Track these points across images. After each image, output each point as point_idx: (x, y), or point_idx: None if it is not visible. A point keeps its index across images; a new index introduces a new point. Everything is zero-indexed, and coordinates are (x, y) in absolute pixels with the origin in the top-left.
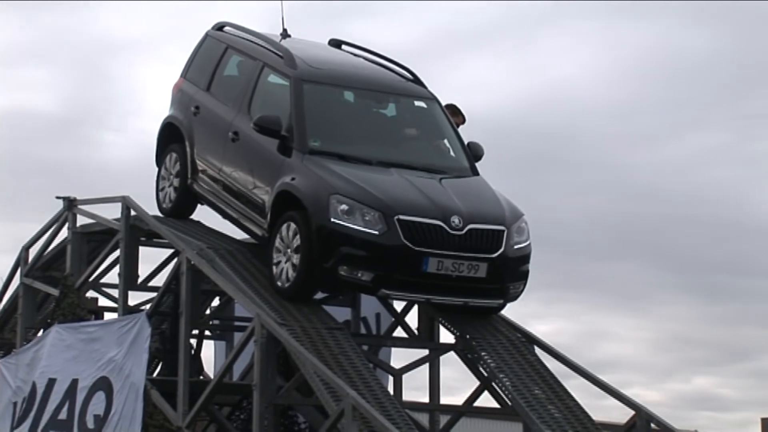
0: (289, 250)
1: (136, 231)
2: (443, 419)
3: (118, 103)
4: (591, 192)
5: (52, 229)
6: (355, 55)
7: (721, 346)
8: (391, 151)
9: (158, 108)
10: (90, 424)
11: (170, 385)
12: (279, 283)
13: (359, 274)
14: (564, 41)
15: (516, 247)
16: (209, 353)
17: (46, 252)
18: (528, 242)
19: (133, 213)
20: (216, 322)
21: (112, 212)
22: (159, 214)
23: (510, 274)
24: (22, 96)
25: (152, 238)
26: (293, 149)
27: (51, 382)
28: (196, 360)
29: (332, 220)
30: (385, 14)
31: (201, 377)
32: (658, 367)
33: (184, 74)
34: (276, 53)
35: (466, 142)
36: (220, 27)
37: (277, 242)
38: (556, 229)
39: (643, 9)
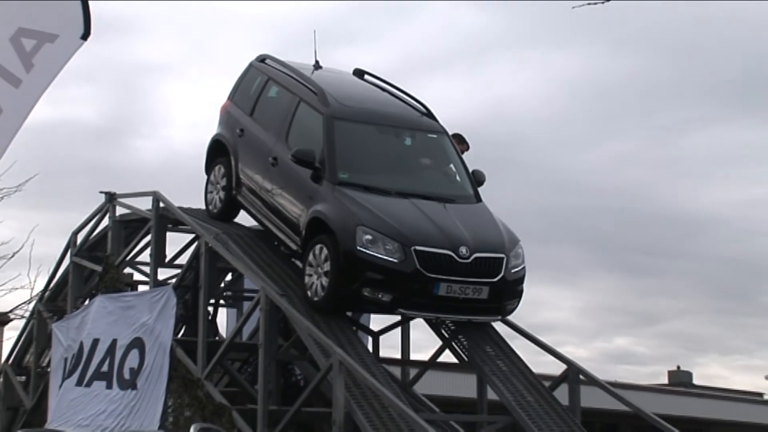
0: (319, 269)
1: (164, 219)
2: (412, 372)
3: (149, 115)
4: (533, 188)
5: (96, 217)
6: (376, 86)
7: (636, 312)
8: (408, 182)
9: (181, 119)
10: (126, 376)
11: (191, 344)
12: (310, 295)
13: (380, 296)
14: (507, 66)
15: (513, 271)
16: (223, 319)
17: (91, 236)
18: (523, 266)
19: (161, 204)
20: (228, 293)
21: (144, 204)
22: (183, 205)
23: (507, 294)
24: (70, 109)
25: (177, 225)
26: (324, 179)
27: (95, 342)
28: (212, 324)
29: (358, 248)
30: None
31: (216, 338)
32: (586, 330)
33: (231, 97)
34: (311, 90)
35: (470, 170)
36: (262, 59)
37: (310, 259)
38: (507, 218)
39: (573, 41)
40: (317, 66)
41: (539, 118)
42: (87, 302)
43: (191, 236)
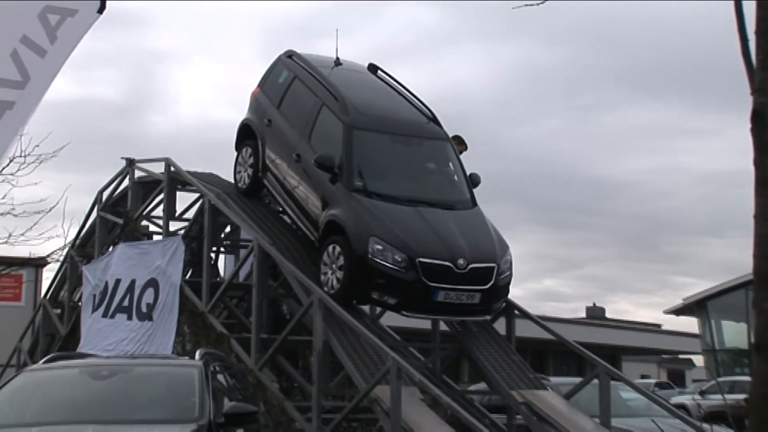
0: (333, 266)
1: (174, 181)
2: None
3: (161, 94)
4: (481, 158)
5: (118, 179)
6: (389, 84)
7: (561, 259)
8: (415, 190)
9: (188, 98)
10: (144, 309)
11: (197, 284)
12: (325, 288)
13: (386, 298)
14: (459, 56)
15: (502, 277)
16: (223, 263)
17: (114, 195)
18: (510, 272)
19: (172, 168)
20: (227, 242)
21: (158, 168)
22: (190, 169)
23: (496, 298)
24: (96, 89)
25: (185, 186)
26: (341, 183)
27: (117, 282)
28: (214, 268)
29: (369, 256)
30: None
31: (217, 279)
32: (521, 274)
33: (261, 85)
34: (333, 96)
35: (468, 173)
36: (289, 55)
37: (325, 257)
38: None
39: (512, 35)
40: (338, 62)
41: (485, 99)
42: (111, 249)
43: (197, 195)
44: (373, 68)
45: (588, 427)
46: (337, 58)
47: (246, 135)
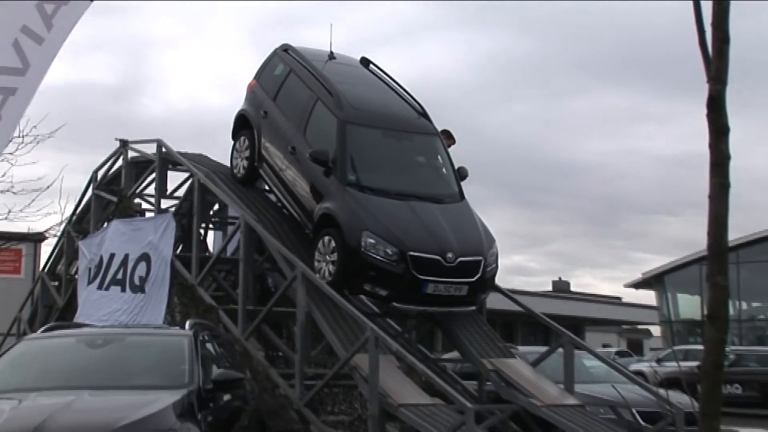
0: (327, 257)
1: (165, 161)
2: None
3: (153, 79)
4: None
5: (112, 159)
6: (380, 78)
7: (530, 236)
8: (406, 184)
9: (178, 83)
10: (137, 282)
11: (187, 259)
12: (319, 276)
13: (377, 290)
14: (436, 44)
15: (488, 269)
16: (211, 239)
17: (109, 174)
18: (496, 264)
19: (163, 149)
20: (216, 219)
21: (150, 149)
22: (180, 150)
23: (482, 289)
24: (90, 73)
25: (176, 166)
26: (335, 177)
27: (112, 256)
28: (203, 243)
29: (362, 250)
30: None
31: (206, 254)
32: None
33: (257, 77)
34: (328, 91)
35: (456, 167)
36: (285, 49)
37: (319, 248)
38: None
39: (486, 25)
40: (331, 56)
41: (460, 85)
42: (105, 225)
43: (187, 174)
44: (365, 62)
45: (553, 393)
46: (331, 52)
47: (242, 125)
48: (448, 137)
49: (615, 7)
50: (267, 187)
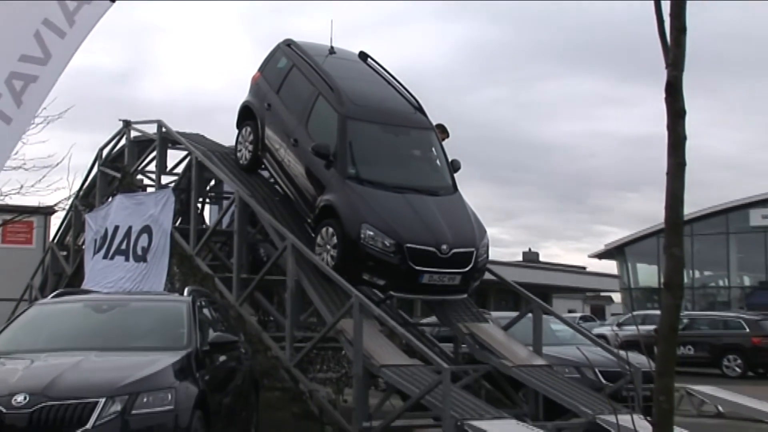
0: (327, 246)
1: (165, 140)
2: None
3: (153, 64)
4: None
5: (116, 138)
6: (378, 73)
7: (503, 210)
8: (403, 177)
9: (176, 68)
10: (139, 252)
11: (185, 231)
12: (323, 259)
13: (376, 280)
14: (416, 33)
15: (480, 260)
16: (208, 212)
17: (113, 152)
18: (487, 254)
19: (164, 129)
20: (212, 194)
21: (151, 129)
22: (179, 130)
23: (474, 278)
24: (96, 58)
25: (175, 144)
26: (336, 170)
27: (116, 228)
28: (200, 216)
29: (361, 241)
30: (311, 13)
31: (203, 226)
32: None
33: (261, 70)
34: (329, 86)
35: (450, 159)
36: (288, 44)
37: (319, 239)
38: None
39: (461, 15)
40: (332, 51)
41: (438, 70)
42: (110, 199)
43: (185, 152)
44: (363, 56)
45: (523, 354)
46: (332, 47)
47: (246, 116)
48: (442, 131)
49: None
50: (269, 175)
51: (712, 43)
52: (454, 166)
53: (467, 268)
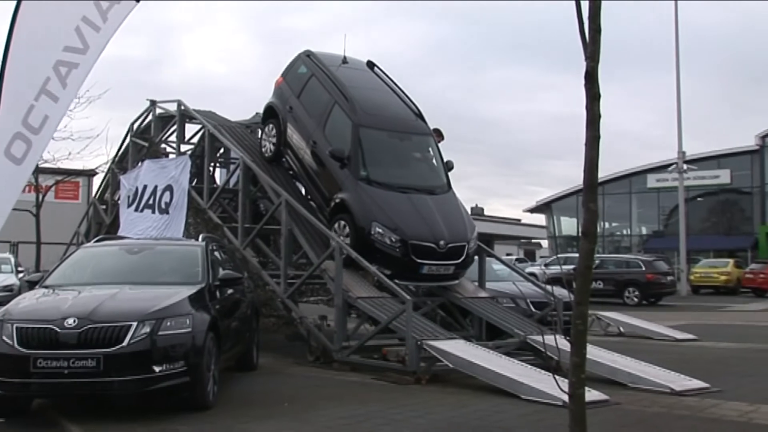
0: (341, 237)
1: (184, 116)
2: None
3: (174, 54)
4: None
5: (145, 114)
6: (384, 81)
7: (456, 174)
8: (406, 178)
9: (195, 58)
10: (163, 206)
11: (200, 189)
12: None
13: (382, 269)
14: (385, 30)
15: (470, 252)
16: (218, 175)
17: (142, 125)
18: (475, 245)
19: (183, 107)
20: (221, 160)
21: (173, 106)
22: (196, 107)
23: (465, 267)
24: (127, 51)
25: (192, 119)
26: (349, 171)
27: (145, 187)
28: (212, 178)
29: (371, 237)
30: (303, 13)
31: (214, 185)
32: None
33: (284, 75)
34: (344, 96)
35: (445, 160)
36: (307, 54)
37: (335, 228)
38: None
39: (424, 15)
40: (344, 61)
41: (405, 60)
42: (139, 164)
43: (200, 126)
44: (370, 65)
45: (470, 288)
46: (345, 58)
47: (270, 115)
48: (438, 135)
49: (519, 5)
50: (288, 168)
51: (622, 42)
52: (448, 166)
53: (460, 260)
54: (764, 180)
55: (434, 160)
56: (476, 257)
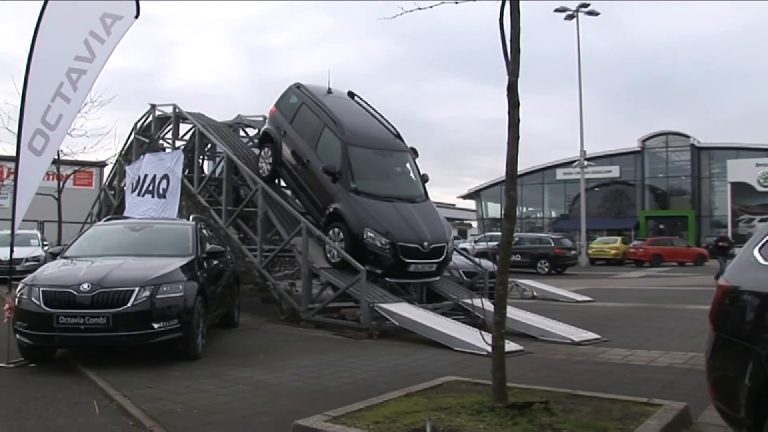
0: (335, 243)
1: (178, 117)
2: None
3: (171, 66)
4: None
5: (146, 115)
6: (363, 107)
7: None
8: (390, 189)
9: (188, 69)
10: (160, 191)
11: (191, 178)
12: (329, 256)
13: (375, 269)
14: (346, 47)
15: (449, 251)
16: (207, 166)
17: (144, 125)
18: (453, 246)
19: (177, 110)
20: (209, 153)
21: (169, 109)
22: (189, 110)
23: (445, 264)
24: (131, 62)
25: (185, 120)
26: (341, 184)
27: (146, 176)
28: (200, 168)
29: (364, 241)
30: (274, 31)
31: (203, 175)
32: None
33: (277, 105)
34: (332, 120)
35: (421, 173)
36: (297, 86)
37: (329, 235)
38: None
39: (380, 35)
40: (329, 91)
41: (361, 72)
42: (142, 156)
43: (191, 125)
44: (351, 95)
45: None
46: (329, 88)
47: (266, 139)
48: (414, 152)
49: (456, 28)
50: (284, 184)
51: (538, 60)
52: (424, 179)
53: (441, 258)
54: (644, 174)
55: (412, 174)
56: None
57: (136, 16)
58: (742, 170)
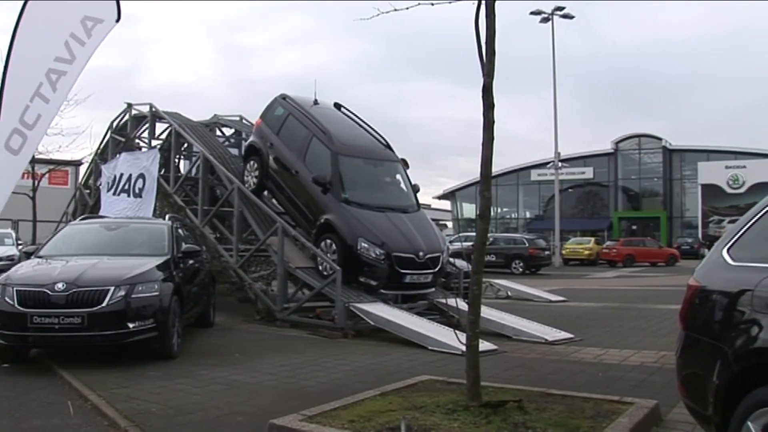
0: (328, 254)
1: (154, 116)
2: None
3: (148, 65)
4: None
5: (122, 114)
6: (350, 118)
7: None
8: (382, 199)
9: (164, 68)
10: (136, 191)
11: (167, 177)
12: (320, 268)
13: (369, 281)
14: (323, 48)
15: (444, 262)
16: (182, 165)
17: (120, 124)
18: (447, 256)
19: (154, 109)
20: (185, 153)
21: (145, 108)
22: (165, 109)
23: (440, 275)
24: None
25: (161, 119)
26: (332, 195)
27: (121, 175)
28: (177, 168)
29: (358, 251)
30: (255, 33)
31: (179, 174)
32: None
33: (263, 117)
34: (321, 130)
35: (412, 183)
36: (283, 97)
37: (321, 246)
38: None
39: (357, 36)
40: (316, 102)
41: (338, 73)
42: (118, 156)
43: (168, 125)
44: (337, 105)
45: None
46: (315, 100)
47: (252, 152)
48: (405, 163)
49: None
50: (270, 195)
51: (514, 63)
52: (416, 189)
53: (436, 269)
54: (618, 176)
55: (403, 184)
56: None
57: (117, 20)
58: (712, 172)
